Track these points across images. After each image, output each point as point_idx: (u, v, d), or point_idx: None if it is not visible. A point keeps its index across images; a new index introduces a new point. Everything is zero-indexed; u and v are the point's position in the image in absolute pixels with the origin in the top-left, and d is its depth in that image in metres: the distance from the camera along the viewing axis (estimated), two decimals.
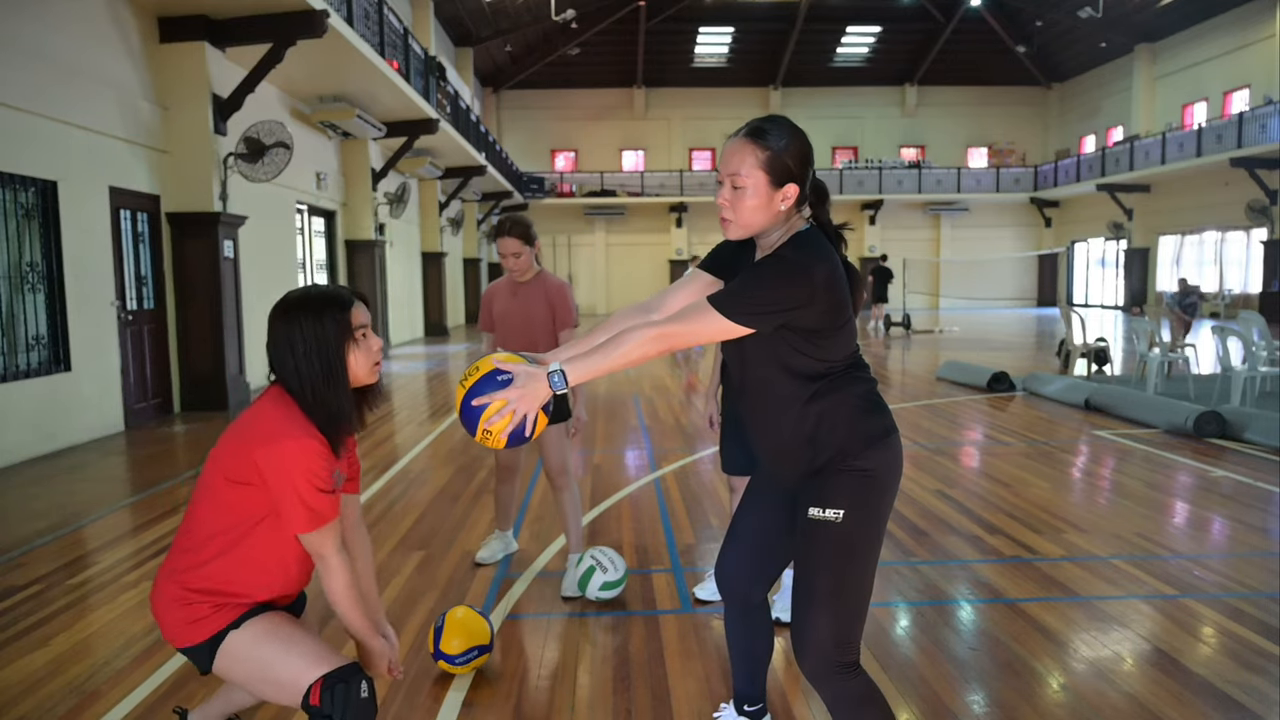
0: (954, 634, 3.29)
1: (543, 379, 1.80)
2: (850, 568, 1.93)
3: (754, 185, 1.86)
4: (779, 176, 1.86)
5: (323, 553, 1.93)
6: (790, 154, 1.86)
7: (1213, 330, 8.77)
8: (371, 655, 2.06)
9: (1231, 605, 3.48)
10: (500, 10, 25.48)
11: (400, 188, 16.27)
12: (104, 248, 7.91)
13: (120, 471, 6.65)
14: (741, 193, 1.87)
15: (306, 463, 1.84)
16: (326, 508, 1.88)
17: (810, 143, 1.93)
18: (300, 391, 1.90)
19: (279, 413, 1.89)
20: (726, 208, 1.90)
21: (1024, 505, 5.06)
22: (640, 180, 31.27)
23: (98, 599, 3.77)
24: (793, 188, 1.88)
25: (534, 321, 3.81)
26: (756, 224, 1.90)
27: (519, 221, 3.75)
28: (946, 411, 8.50)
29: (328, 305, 1.91)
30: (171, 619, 1.92)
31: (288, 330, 1.90)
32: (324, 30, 8.97)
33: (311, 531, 1.89)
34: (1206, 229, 24.26)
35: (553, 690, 2.89)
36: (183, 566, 1.93)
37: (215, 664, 1.91)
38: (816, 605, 1.92)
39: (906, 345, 16.57)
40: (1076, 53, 30.42)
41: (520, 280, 3.85)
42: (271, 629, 1.91)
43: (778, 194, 1.87)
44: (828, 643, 1.92)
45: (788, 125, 1.90)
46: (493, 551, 4.22)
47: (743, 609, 2.28)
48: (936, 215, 32.16)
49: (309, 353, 1.88)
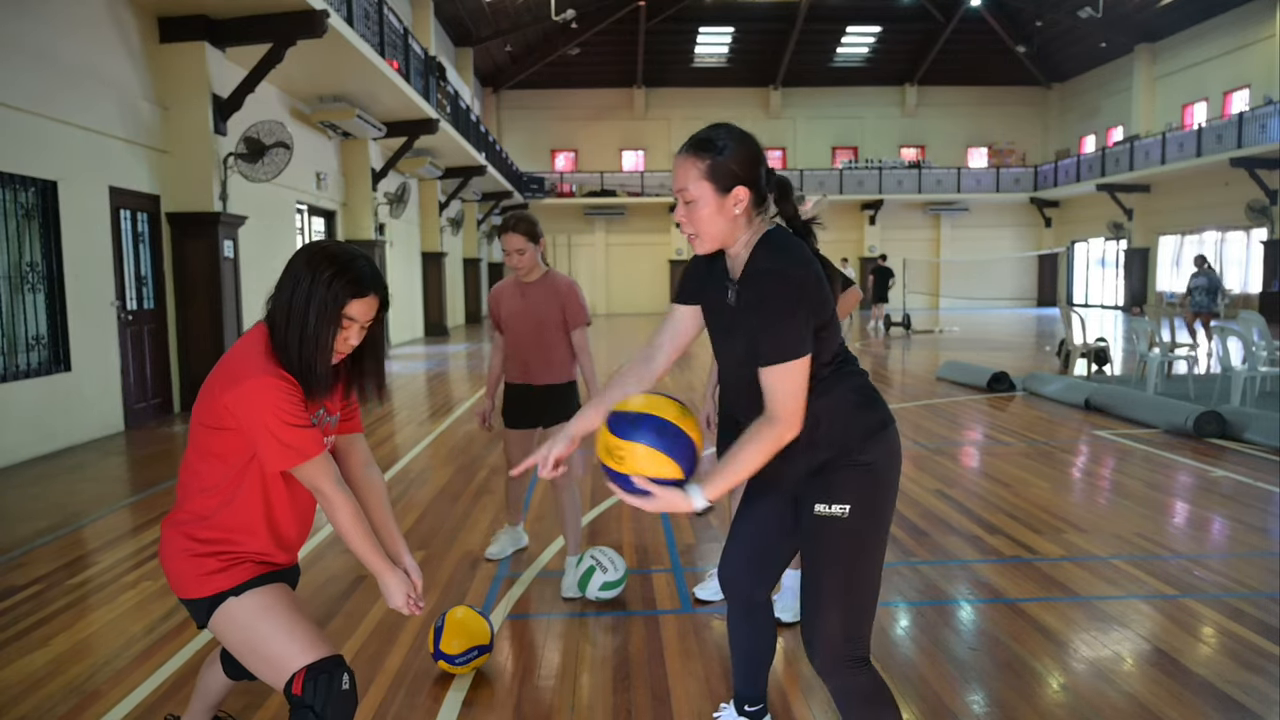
0: (954, 634, 3.29)
1: (683, 498, 1.84)
2: (858, 562, 1.95)
3: (702, 196, 1.89)
4: (724, 182, 1.88)
5: (319, 486, 1.93)
6: (733, 159, 1.88)
7: (1213, 330, 8.76)
8: (388, 588, 2.03)
9: (1231, 605, 3.48)
10: (500, 10, 25.48)
11: (400, 188, 16.27)
12: (104, 248, 7.91)
13: (120, 471, 6.65)
14: (693, 206, 1.90)
15: (271, 399, 1.84)
16: (303, 442, 1.87)
17: (757, 144, 1.94)
18: (278, 328, 1.90)
19: (248, 352, 1.90)
20: (685, 224, 1.94)
21: (1024, 505, 5.06)
22: (640, 180, 31.26)
23: (98, 599, 3.78)
24: (742, 190, 1.89)
25: (546, 323, 3.78)
26: (717, 233, 1.92)
27: (524, 218, 3.73)
28: (946, 411, 8.50)
29: (349, 282, 1.89)
30: (178, 569, 1.96)
31: (303, 272, 1.89)
32: (324, 30, 8.97)
33: (295, 466, 1.89)
34: (1206, 229, 24.25)
35: (553, 690, 2.89)
36: (185, 518, 1.96)
37: (211, 622, 1.95)
38: (826, 601, 1.94)
39: (906, 345, 16.57)
40: (1076, 53, 30.41)
41: (527, 280, 3.82)
42: (270, 605, 1.93)
43: (728, 199, 1.89)
44: (838, 637, 1.94)
45: (728, 130, 1.92)
46: (502, 546, 4.22)
47: (746, 609, 2.29)
48: (936, 215, 32.14)
49: (308, 301, 1.87)
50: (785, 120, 33.41)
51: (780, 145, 33.55)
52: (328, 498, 1.94)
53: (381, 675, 2.98)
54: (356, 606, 3.62)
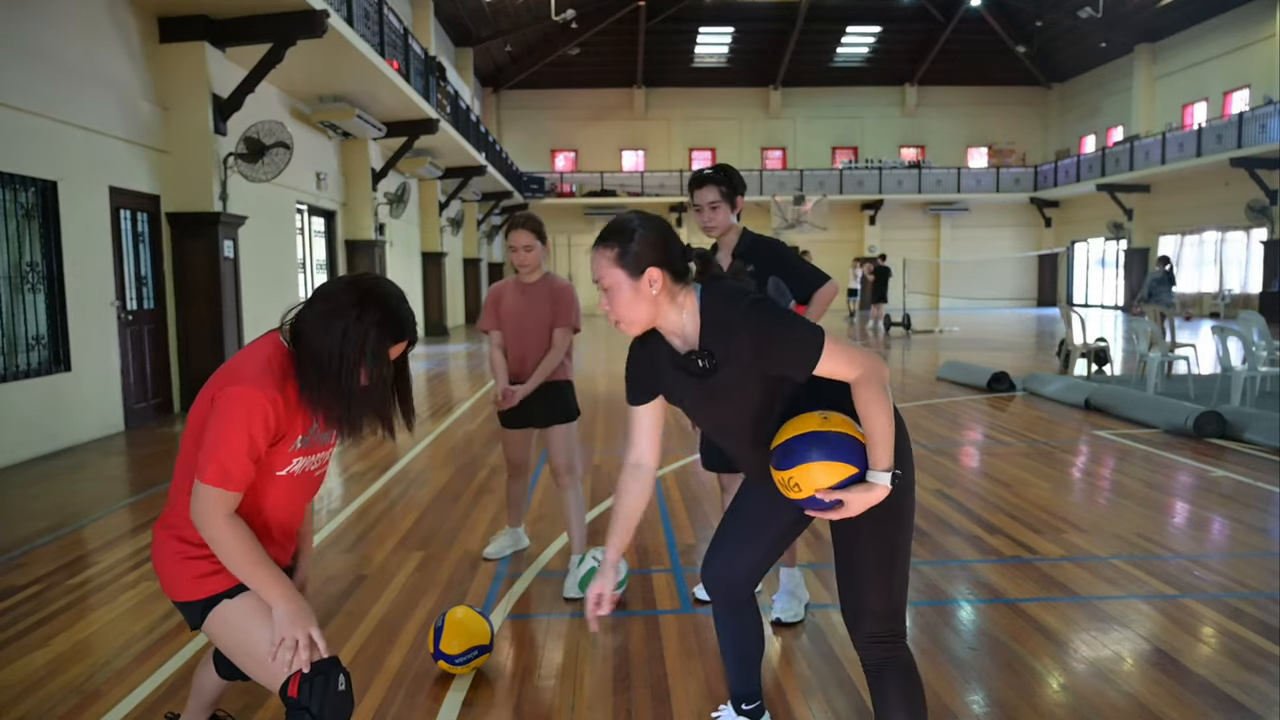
0: (954, 634, 3.30)
1: (871, 489, 1.88)
2: (899, 534, 2.00)
3: (615, 282, 1.95)
4: (634, 267, 1.93)
5: (210, 519, 1.83)
6: (638, 243, 1.94)
7: (1213, 330, 8.77)
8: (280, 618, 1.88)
9: (1231, 605, 3.48)
10: (500, 10, 25.48)
11: (400, 188, 16.27)
12: (104, 248, 7.91)
13: (120, 471, 6.65)
14: (611, 293, 1.97)
15: (251, 413, 1.80)
16: (238, 472, 1.82)
17: (663, 225, 2.00)
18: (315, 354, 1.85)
19: (255, 360, 1.87)
20: (610, 311, 1.99)
21: (1024, 505, 5.06)
22: (640, 180, 31.26)
23: (98, 599, 3.78)
24: (654, 271, 1.94)
25: (544, 323, 3.82)
26: (641, 314, 1.97)
27: (533, 217, 3.81)
28: (946, 411, 8.49)
29: (394, 328, 1.89)
30: (171, 571, 1.95)
31: (351, 308, 1.85)
32: (324, 30, 8.97)
33: (208, 485, 1.81)
34: (1206, 229, 24.26)
35: (553, 690, 2.89)
36: (176, 520, 1.96)
37: (205, 625, 1.94)
38: (871, 575, 1.99)
39: (906, 345, 16.57)
40: (1076, 53, 30.41)
41: (528, 280, 3.86)
42: (264, 607, 1.92)
43: (642, 281, 1.94)
44: (881, 611, 1.99)
45: (630, 218, 1.98)
46: (500, 547, 4.23)
47: (736, 608, 2.33)
48: (936, 215, 32.15)
49: (346, 338, 1.85)
50: (785, 120, 33.43)
51: (780, 145, 33.57)
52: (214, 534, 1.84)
53: (381, 675, 2.98)
54: (356, 606, 3.62)
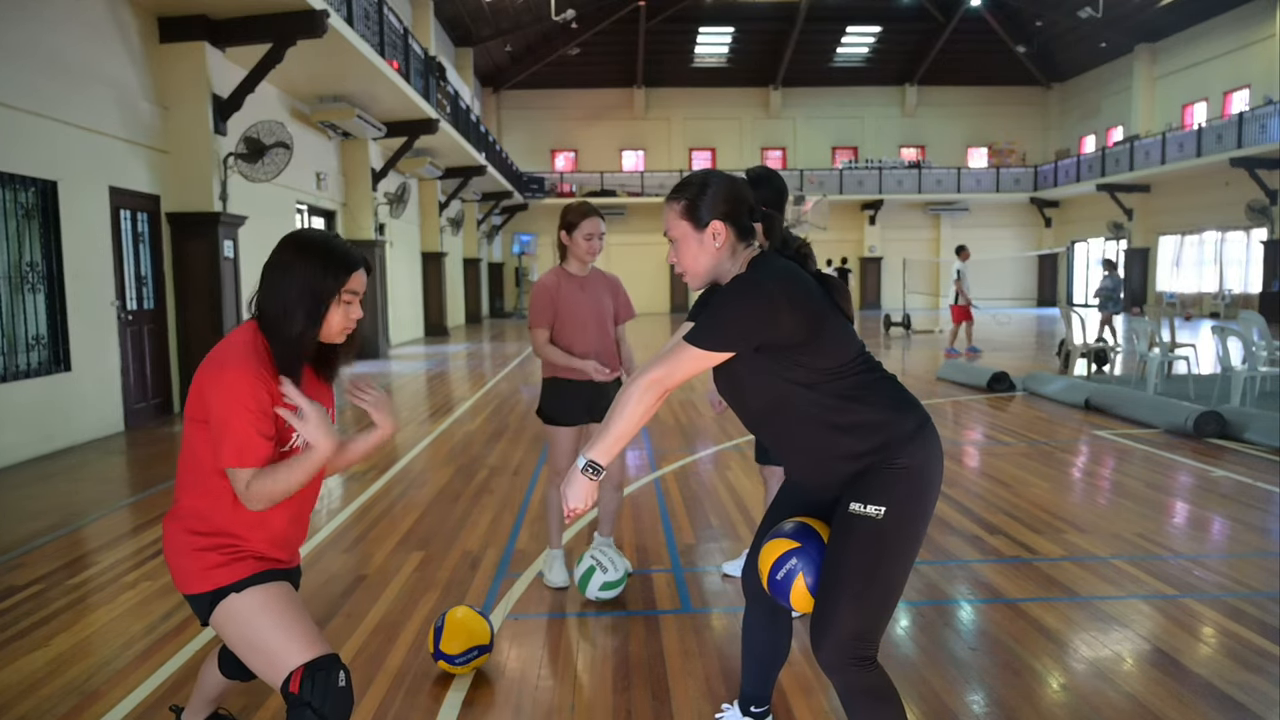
0: (954, 634, 3.29)
1: (579, 477, 1.95)
2: (882, 565, 1.94)
3: (681, 234, 2.05)
4: (700, 220, 2.02)
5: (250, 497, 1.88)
6: (706, 198, 2.02)
7: (1213, 330, 8.77)
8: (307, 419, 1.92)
9: (1231, 605, 3.48)
10: (500, 10, 25.49)
11: (400, 188, 16.27)
12: (104, 248, 7.91)
13: (120, 471, 6.65)
14: (676, 244, 2.07)
15: (247, 393, 1.85)
16: (253, 447, 1.86)
17: (737, 183, 2.08)
18: (275, 319, 1.92)
19: (234, 346, 1.91)
20: (675, 263, 2.09)
21: (1024, 505, 5.06)
22: (640, 180, 31.26)
23: (98, 599, 3.78)
24: (718, 224, 2.02)
25: (605, 314, 3.79)
26: (702, 267, 2.06)
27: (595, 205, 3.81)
28: (947, 411, 8.50)
29: (337, 262, 1.95)
30: (181, 564, 1.97)
31: (292, 264, 1.93)
32: (324, 30, 8.97)
33: (231, 469, 1.87)
34: (1206, 229, 24.26)
35: (553, 690, 2.89)
36: (184, 513, 1.98)
37: (213, 618, 1.96)
38: (843, 598, 1.93)
39: (906, 345, 16.57)
40: (1076, 53, 30.41)
41: (582, 274, 3.77)
42: (271, 602, 1.94)
43: (706, 234, 2.03)
44: (847, 635, 1.94)
45: (703, 174, 2.07)
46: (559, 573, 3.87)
47: (771, 611, 2.30)
48: (936, 215, 32.16)
49: (301, 294, 1.92)
50: (785, 120, 33.42)
51: (780, 145, 33.56)
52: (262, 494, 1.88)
53: (381, 675, 2.98)
54: (356, 606, 3.62)
